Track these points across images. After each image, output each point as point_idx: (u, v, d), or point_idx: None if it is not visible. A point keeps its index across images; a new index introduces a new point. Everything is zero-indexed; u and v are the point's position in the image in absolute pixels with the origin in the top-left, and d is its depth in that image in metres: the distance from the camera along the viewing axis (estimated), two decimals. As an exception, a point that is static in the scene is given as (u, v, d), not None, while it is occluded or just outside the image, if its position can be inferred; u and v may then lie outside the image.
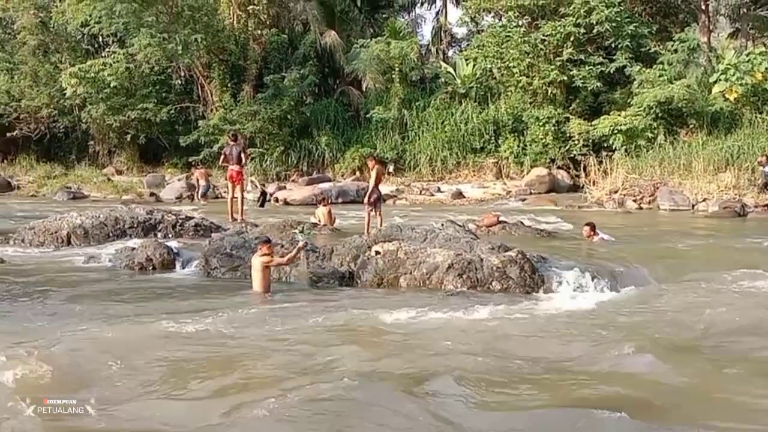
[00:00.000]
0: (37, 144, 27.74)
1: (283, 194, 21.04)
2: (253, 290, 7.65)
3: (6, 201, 20.80)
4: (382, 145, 24.81)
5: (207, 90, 26.03)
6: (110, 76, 24.23)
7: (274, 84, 24.79)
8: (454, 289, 7.81)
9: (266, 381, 4.75)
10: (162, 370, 4.92)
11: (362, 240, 9.06)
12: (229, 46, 25.50)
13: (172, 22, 24.26)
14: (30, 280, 8.30)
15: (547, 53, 23.79)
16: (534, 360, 5.25)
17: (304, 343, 5.57)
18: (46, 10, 26.88)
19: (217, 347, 5.49)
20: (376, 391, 4.55)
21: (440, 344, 5.59)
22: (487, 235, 11.33)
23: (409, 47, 25.30)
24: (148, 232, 11.44)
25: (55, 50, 27.40)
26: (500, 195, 21.99)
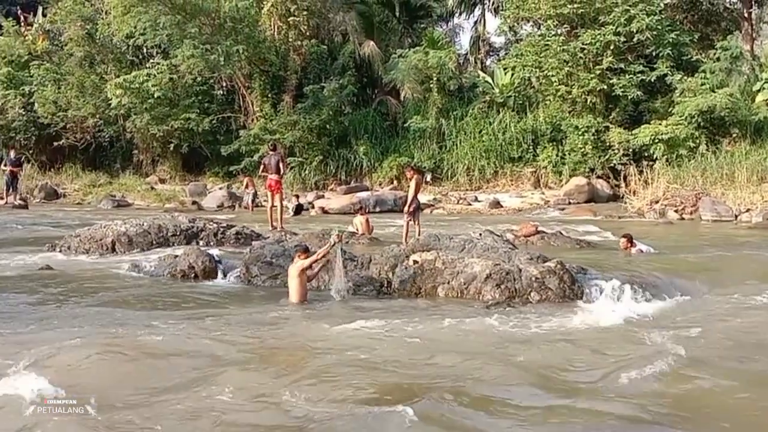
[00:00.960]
0: (82, 153, 28.33)
1: (322, 203, 21.22)
2: (290, 300, 7.70)
3: (52, 209, 21.29)
4: (420, 155, 24.87)
5: (248, 100, 26.40)
6: (154, 87, 24.66)
7: (313, 94, 25.05)
8: (492, 299, 7.77)
9: (298, 387, 4.79)
10: (201, 376, 5.00)
11: (400, 249, 9.05)
12: (270, 57, 25.80)
13: (215, 34, 24.67)
14: (76, 287, 8.48)
15: (586, 62, 23.62)
16: (571, 372, 5.22)
17: (338, 351, 5.61)
18: (92, 22, 27.46)
19: (255, 354, 5.55)
20: (414, 399, 4.55)
21: (477, 355, 5.57)
22: (525, 245, 11.27)
23: (447, 57, 25.34)
24: (191, 240, 11.57)
25: (101, 61, 27.96)
26: (538, 205, 21.84)
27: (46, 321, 6.66)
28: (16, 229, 14.85)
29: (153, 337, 5.90)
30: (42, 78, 27.47)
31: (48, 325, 6.48)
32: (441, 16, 35.14)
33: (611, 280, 8.01)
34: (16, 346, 5.48)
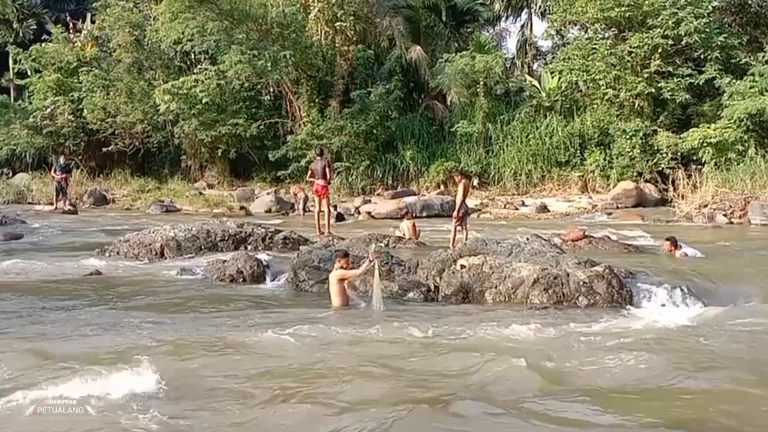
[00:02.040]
0: (131, 159, 28.70)
1: (368, 208, 21.25)
2: (333, 304, 7.71)
3: (102, 214, 21.66)
4: (467, 159, 24.74)
5: (295, 105, 26.58)
6: (202, 93, 24.88)
7: (360, 99, 25.13)
8: (540, 303, 7.73)
9: (340, 391, 4.81)
10: (247, 379, 5.06)
11: (447, 254, 9.02)
12: (316, 62, 25.97)
13: (262, 39, 24.91)
14: (125, 291, 8.61)
15: (634, 65, 23.34)
16: (617, 377, 5.15)
17: (382, 357, 5.60)
18: (140, 29, 27.77)
19: (298, 358, 5.58)
20: (459, 403, 4.55)
21: (525, 360, 5.49)
22: (572, 250, 11.13)
23: (494, 61, 25.17)
24: (239, 245, 11.66)
25: (149, 67, 28.35)
26: (586, 209, 21.54)
27: (97, 325, 6.77)
28: (66, 235, 15.15)
29: (201, 343, 5.98)
30: (91, 84, 27.79)
31: (104, 328, 6.60)
32: (488, 20, 34.97)
33: (661, 285, 7.98)
34: (73, 351, 5.59)
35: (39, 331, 6.39)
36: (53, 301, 7.96)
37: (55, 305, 7.76)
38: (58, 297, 8.22)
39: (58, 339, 6.05)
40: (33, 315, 7.22)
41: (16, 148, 28.59)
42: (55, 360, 5.34)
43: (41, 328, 6.56)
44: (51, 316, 7.20)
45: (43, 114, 27.73)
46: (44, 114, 27.71)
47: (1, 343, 5.77)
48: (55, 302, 7.92)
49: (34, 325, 6.72)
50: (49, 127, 27.82)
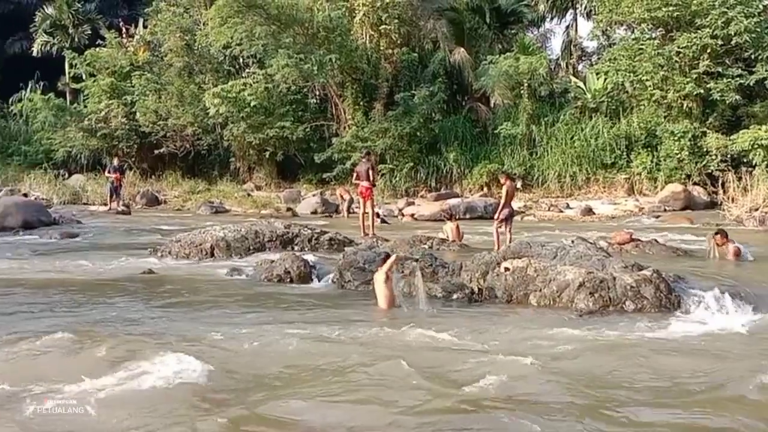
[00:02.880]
0: (182, 161, 29.28)
1: (412, 210, 21.35)
2: (379, 305, 7.82)
3: (154, 214, 22.10)
4: (510, 161, 24.66)
5: (340, 108, 26.85)
6: (250, 96, 25.25)
7: (404, 101, 25.26)
8: (585, 307, 7.66)
9: (380, 391, 4.88)
10: (290, 375, 5.21)
11: (491, 256, 9.04)
12: (361, 66, 26.16)
13: (308, 43, 25.20)
14: (177, 289, 8.86)
15: (682, 66, 22.93)
16: (665, 384, 5.12)
17: (425, 358, 5.65)
18: (190, 33, 28.39)
19: (341, 357, 5.67)
20: (507, 409, 4.57)
21: (569, 364, 5.53)
22: (619, 253, 11.04)
23: (539, 62, 25.02)
24: (286, 246, 11.82)
25: (199, 71, 28.88)
26: (632, 212, 21.25)
27: (149, 320, 7.02)
28: (119, 235, 15.57)
29: (252, 338, 6.18)
30: (143, 88, 28.49)
31: (154, 324, 6.83)
32: (532, 21, 34.70)
33: (710, 290, 7.81)
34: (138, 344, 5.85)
35: (91, 326, 6.60)
36: (108, 298, 8.23)
37: (109, 302, 8.02)
38: (112, 294, 8.48)
39: (109, 334, 6.25)
40: (88, 310, 7.48)
41: (71, 150, 29.41)
42: (106, 353, 5.54)
43: (94, 322, 6.78)
44: (105, 312, 7.43)
45: (97, 117, 28.57)
46: (99, 117, 28.55)
47: (58, 337, 5.99)
48: (110, 299, 8.18)
49: (87, 320, 6.94)
50: (104, 129, 28.59)
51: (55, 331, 6.09)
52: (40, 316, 7.12)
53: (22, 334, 6.20)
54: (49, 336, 5.95)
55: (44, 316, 7.12)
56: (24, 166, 30.04)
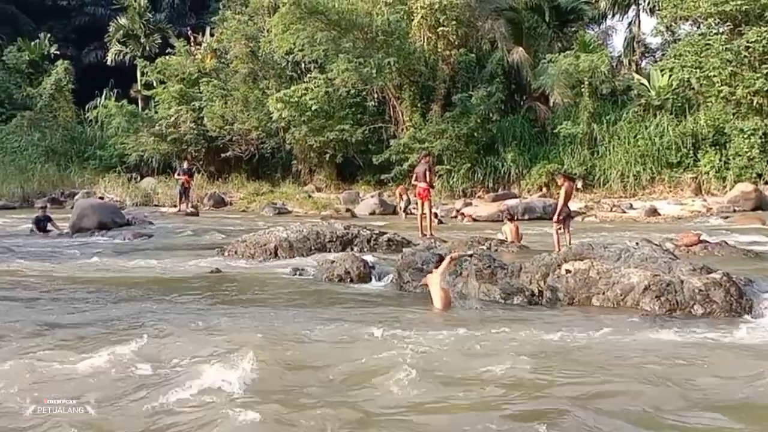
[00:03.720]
0: (247, 164, 30.04)
1: (470, 211, 21.34)
2: (434, 306, 7.84)
3: (220, 215, 22.71)
4: (570, 161, 24.38)
5: (398, 110, 27.06)
6: (311, 100, 25.77)
7: (461, 102, 25.27)
8: (651, 311, 7.50)
9: (436, 392, 4.89)
10: (346, 373, 5.28)
11: (552, 258, 8.94)
12: (419, 68, 26.32)
13: (367, 47, 25.53)
14: (243, 288, 9.08)
15: (751, 61, 22.23)
16: (737, 390, 5.01)
17: (481, 361, 5.63)
18: (255, 41, 29.22)
19: (397, 357, 5.69)
20: (560, 416, 4.52)
21: (634, 370, 5.42)
22: (686, 255, 10.81)
23: (600, 60, 24.67)
24: (346, 246, 12.02)
25: (263, 77, 29.58)
26: (699, 212, 20.69)
27: (215, 317, 7.19)
28: (188, 235, 16.06)
29: (315, 335, 6.35)
30: (210, 94, 29.43)
31: (221, 321, 6.99)
32: (593, 18, 34.13)
33: (784, 293, 7.56)
34: (201, 343, 6.11)
35: (162, 323, 6.84)
36: (177, 296, 8.52)
37: (178, 299, 8.31)
38: (181, 292, 8.77)
39: (177, 333, 6.45)
40: (158, 308, 7.72)
41: (143, 154, 30.58)
42: (174, 350, 5.75)
43: (165, 320, 6.99)
44: (175, 309, 7.69)
45: (167, 122, 29.64)
46: (169, 122, 29.62)
47: (127, 332, 6.28)
48: (179, 297, 8.47)
49: (158, 317, 7.17)
50: (173, 134, 29.65)
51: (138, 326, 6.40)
52: (121, 313, 7.46)
53: (101, 328, 6.54)
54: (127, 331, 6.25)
55: (124, 312, 7.46)
56: (99, 169, 31.37)
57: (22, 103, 36.38)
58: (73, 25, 45.84)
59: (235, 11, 31.79)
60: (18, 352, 5.72)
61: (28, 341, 6.10)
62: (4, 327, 6.60)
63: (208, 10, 40.31)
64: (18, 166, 30.06)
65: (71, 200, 25.47)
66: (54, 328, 6.57)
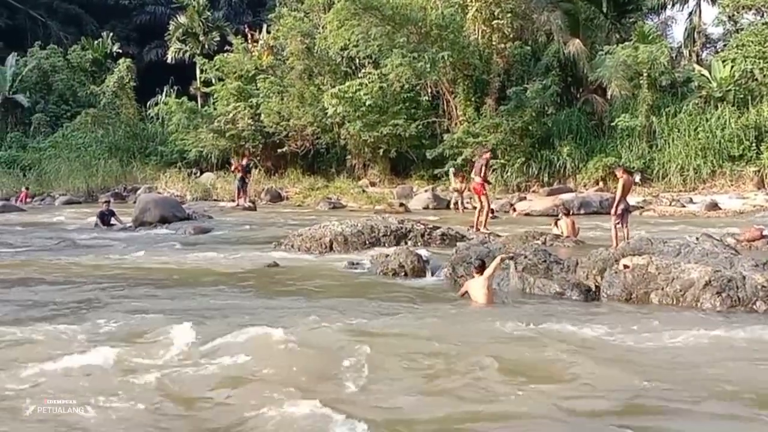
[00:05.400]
0: (302, 159, 30.30)
1: (522, 206, 21.18)
2: (476, 302, 7.90)
3: (277, 210, 23.06)
4: (628, 155, 23.92)
5: (452, 104, 26.94)
6: (366, 96, 25.82)
7: (516, 96, 25.01)
8: (712, 307, 7.41)
9: (485, 388, 4.95)
10: (402, 367, 5.39)
11: (609, 253, 8.87)
12: (473, 62, 26.13)
13: (421, 42, 25.49)
14: (300, 281, 9.27)
15: (816, 50, 21.40)
16: None
17: (528, 355, 5.68)
18: (310, 37, 29.36)
19: (452, 351, 5.81)
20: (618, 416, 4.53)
21: (691, 366, 5.41)
22: (749, 251, 10.60)
23: (659, 51, 24.12)
24: (400, 241, 12.14)
25: (318, 73, 29.70)
26: (762, 207, 20.03)
27: (272, 310, 7.46)
28: (246, 229, 16.40)
29: (365, 329, 6.50)
30: (267, 90, 29.73)
31: (278, 314, 7.27)
32: (652, 8, 33.41)
33: None
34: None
35: (224, 314, 7.13)
36: (238, 289, 8.80)
37: (238, 292, 8.57)
38: (242, 285, 9.06)
39: (238, 323, 6.66)
40: (219, 300, 8.01)
41: (203, 149, 31.12)
42: (224, 341, 5.92)
43: (227, 311, 7.29)
44: (235, 301, 7.96)
45: (225, 118, 30.08)
46: (227, 118, 30.05)
47: (190, 323, 6.46)
48: (240, 289, 8.75)
49: (224, 307, 7.47)
50: (231, 130, 30.04)
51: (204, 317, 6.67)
52: (176, 306, 7.75)
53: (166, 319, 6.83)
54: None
55: (179, 305, 7.75)
56: (160, 165, 32.17)
57: (86, 101, 37.71)
58: (134, 24, 47.23)
59: (291, 8, 32.16)
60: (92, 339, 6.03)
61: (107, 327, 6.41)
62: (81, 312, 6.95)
63: (265, 8, 40.97)
64: (82, 162, 31.09)
65: (134, 195, 26.29)
66: (118, 320, 6.84)
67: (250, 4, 46.70)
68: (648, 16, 33.68)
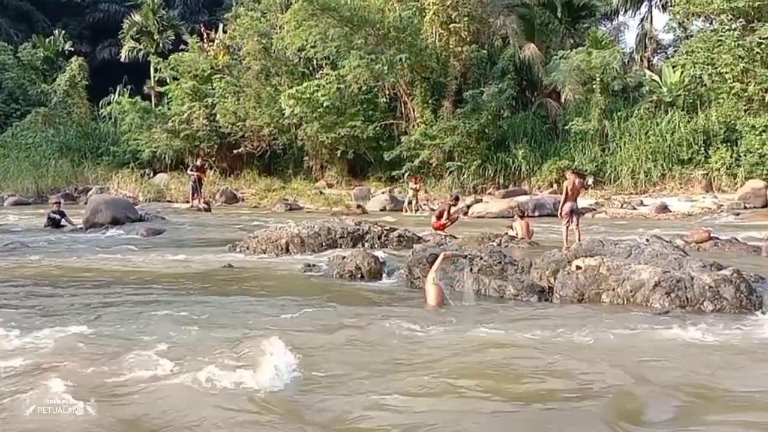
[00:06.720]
0: (259, 160, 30.07)
1: (480, 207, 21.38)
2: (428, 303, 7.81)
3: (233, 211, 22.89)
4: (581, 158, 24.34)
5: (409, 107, 27.07)
6: (323, 97, 25.76)
7: (473, 99, 25.25)
8: (661, 308, 7.51)
9: (436, 386, 4.97)
10: (355, 367, 5.34)
11: (562, 254, 8.96)
12: (431, 64, 26.28)
13: (379, 44, 25.57)
14: (254, 283, 9.15)
15: (764, 57, 22.08)
16: (742, 386, 5.05)
17: (476, 356, 5.68)
18: (267, 37, 29.18)
19: (398, 352, 5.78)
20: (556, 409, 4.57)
21: (639, 364, 5.48)
22: (697, 252, 10.83)
23: (611, 56, 24.61)
24: (357, 243, 12.11)
25: (275, 73, 29.53)
26: (710, 209, 20.61)
27: (227, 313, 7.34)
28: (201, 231, 16.19)
29: (319, 330, 6.44)
30: (223, 90, 29.43)
31: (232, 316, 7.15)
32: (605, 14, 34.14)
33: (795, 290, 7.57)
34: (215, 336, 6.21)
35: (175, 317, 6.95)
36: (192, 291, 8.65)
37: (191, 294, 8.43)
38: (194, 287, 8.90)
39: (190, 324, 6.58)
40: (171, 302, 7.82)
41: (156, 150, 30.64)
42: (184, 344, 5.81)
43: (178, 314, 7.10)
44: (187, 303, 7.77)
45: (180, 118, 29.71)
46: (181, 118, 29.69)
47: (141, 328, 6.38)
48: (192, 292, 8.61)
49: (175, 311, 7.27)
50: (186, 130, 29.70)
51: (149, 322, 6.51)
52: (128, 309, 7.57)
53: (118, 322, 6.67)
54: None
55: (131, 308, 7.57)
56: (113, 165, 31.53)
57: (37, 100, 36.74)
58: (87, 22, 46.19)
59: (248, 8, 31.88)
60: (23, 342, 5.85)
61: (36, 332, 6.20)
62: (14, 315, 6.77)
63: (221, 7, 40.51)
64: (32, 162, 30.37)
65: (85, 196, 25.75)
66: (65, 323, 6.63)
67: (207, 3, 46.12)
68: (601, 22, 34.37)
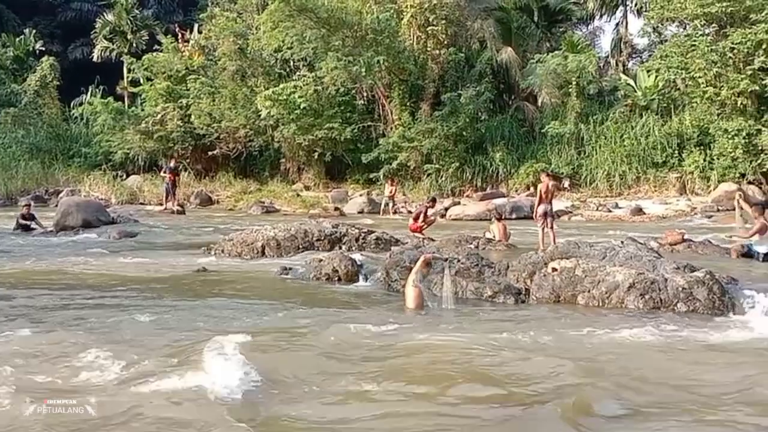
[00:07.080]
0: (234, 162, 29.77)
1: (458, 210, 21.40)
2: (407, 305, 7.82)
3: (207, 214, 22.70)
4: (558, 161, 24.49)
5: (387, 109, 27.04)
6: (300, 98, 25.64)
7: (450, 102, 25.29)
8: (636, 309, 7.60)
9: (411, 388, 4.96)
10: (325, 373, 5.29)
11: (538, 256, 8.99)
12: (408, 67, 26.28)
13: (357, 46, 25.49)
14: (229, 287, 9.07)
15: (736, 62, 22.29)
16: (716, 386, 5.08)
17: (454, 358, 5.67)
18: (243, 38, 28.99)
19: (376, 355, 5.78)
20: (536, 411, 4.58)
21: (614, 365, 5.50)
22: (671, 254, 10.91)
23: (587, 60, 24.79)
24: (334, 245, 12.03)
25: (252, 75, 29.35)
26: (684, 212, 20.85)
27: (201, 316, 7.24)
28: (175, 234, 16.01)
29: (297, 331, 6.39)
30: (198, 91, 29.09)
31: (206, 320, 7.05)
32: (581, 19, 34.42)
33: (765, 292, 7.61)
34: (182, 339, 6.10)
35: (138, 321, 6.90)
36: (163, 295, 8.52)
37: (160, 298, 8.31)
38: (165, 291, 8.77)
39: (163, 328, 6.51)
40: (138, 306, 7.72)
41: (129, 151, 30.14)
42: (157, 348, 5.77)
43: (148, 318, 7.03)
44: (154, 307, 7.67)
45: (154, 120, 29.30)
46: (155, 120, 29.27)
47: (112, 333, 6.29)
48: (164, 295, 8.47)
49: (143, 315, 7.18)
50: (160, 132, 29.27)
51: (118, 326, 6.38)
52: (99, 312, 7.43)
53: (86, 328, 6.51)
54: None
55: (103, 312, 7.43)
56: (84, 167, 30.98)
57: (7, 100, 36.02)
58: (58, 21, 45.47)
59: (224, 8, 31.68)
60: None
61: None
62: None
63: (196, 7, 40.10)
64: (1, 164, 29.80)
65: (56, 198, 25.38)
66: (19, 327, 6.52)
67: (181, 3, 45.65)
68: (577, 26, 34.69)
